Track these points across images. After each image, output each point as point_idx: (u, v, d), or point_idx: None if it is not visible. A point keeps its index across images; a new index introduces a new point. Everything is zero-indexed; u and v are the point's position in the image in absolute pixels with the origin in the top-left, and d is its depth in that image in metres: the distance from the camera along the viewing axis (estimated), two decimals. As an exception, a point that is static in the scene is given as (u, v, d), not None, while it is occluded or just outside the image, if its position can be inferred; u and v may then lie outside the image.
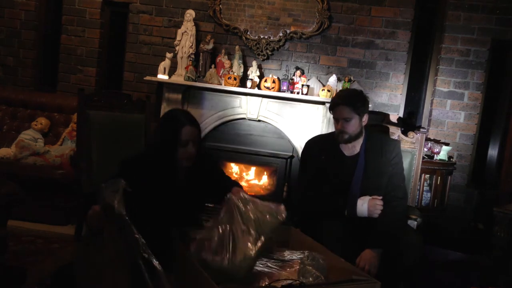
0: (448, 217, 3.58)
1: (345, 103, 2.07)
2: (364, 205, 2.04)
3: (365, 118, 2.15)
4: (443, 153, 3.47)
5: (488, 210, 2.92)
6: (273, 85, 3.63)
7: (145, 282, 1.37)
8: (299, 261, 1.69)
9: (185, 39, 3.73)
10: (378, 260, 1.92)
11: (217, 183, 1.95)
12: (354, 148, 2.18)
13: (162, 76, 3.70)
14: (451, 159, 3.61)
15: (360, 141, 2.17)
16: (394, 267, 1.97)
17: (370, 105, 3.51)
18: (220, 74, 3.72)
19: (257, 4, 3.84)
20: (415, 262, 1.98)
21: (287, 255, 1.76)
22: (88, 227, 1.54)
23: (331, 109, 2.14)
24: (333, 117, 2.14)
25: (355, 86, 3.63)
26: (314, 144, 2.28)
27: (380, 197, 2.06)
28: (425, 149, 3.41)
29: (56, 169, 3.31)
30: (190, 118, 1.84)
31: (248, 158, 3.81)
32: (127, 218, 1.43)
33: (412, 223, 2.41)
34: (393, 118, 3.43)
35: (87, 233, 1.53)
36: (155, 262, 1.39)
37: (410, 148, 2.65)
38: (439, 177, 3.38)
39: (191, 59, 3.74)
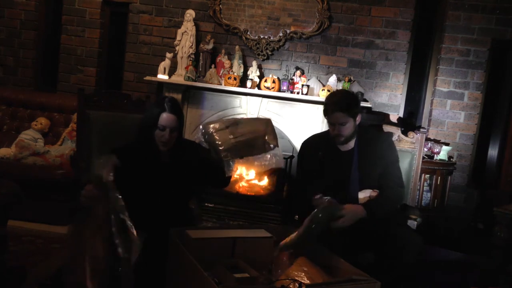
0: (448, 217, 3.57)
1: (340, 109, 2.09)
2: (366, 196, 2.09)
3: (359, 118, 2.19)
4: (443, 153, 3.47)
5: (488, 210, 2.92)
6: (273, 85, 3.63)
7: (115, 238, 1.49)
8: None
9: (185, 39, 3.72)
10: (357, 218, 1.97)
11: (202, 167, 2.01)
12: (348, 143, 2.23)
13: (162, 76, 3.70)
14: (451, 159, 3.61)
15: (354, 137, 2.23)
16: (394, 267, 1.97)
17: (370, 105, 3.55)
18: (220, 74, 3.72)
19: (257, 4, 3.84)
20: (415, 262, 1.98)
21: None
22: (81, 204, 1.65)
23: (325, 114, 2.16)
24: (328, 122, 2.17)
25: (355, 86, 3.62)
26: (310, 143, 2.34)
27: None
28: (425, 149, 3.41)
29: (56, 169, 3.31)
30: (173, 106, 1.92)
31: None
32: (113, 183, 1.56)
33: (412, 223, 2.41)
34: (393, 118, 3.43)
35: (77, 214, 1.67)
36: (129, 224, 1.51)
37: (410, 148, 2.64)
38: (439, 177, 3.39)
39: (191, 59, 3.74)
